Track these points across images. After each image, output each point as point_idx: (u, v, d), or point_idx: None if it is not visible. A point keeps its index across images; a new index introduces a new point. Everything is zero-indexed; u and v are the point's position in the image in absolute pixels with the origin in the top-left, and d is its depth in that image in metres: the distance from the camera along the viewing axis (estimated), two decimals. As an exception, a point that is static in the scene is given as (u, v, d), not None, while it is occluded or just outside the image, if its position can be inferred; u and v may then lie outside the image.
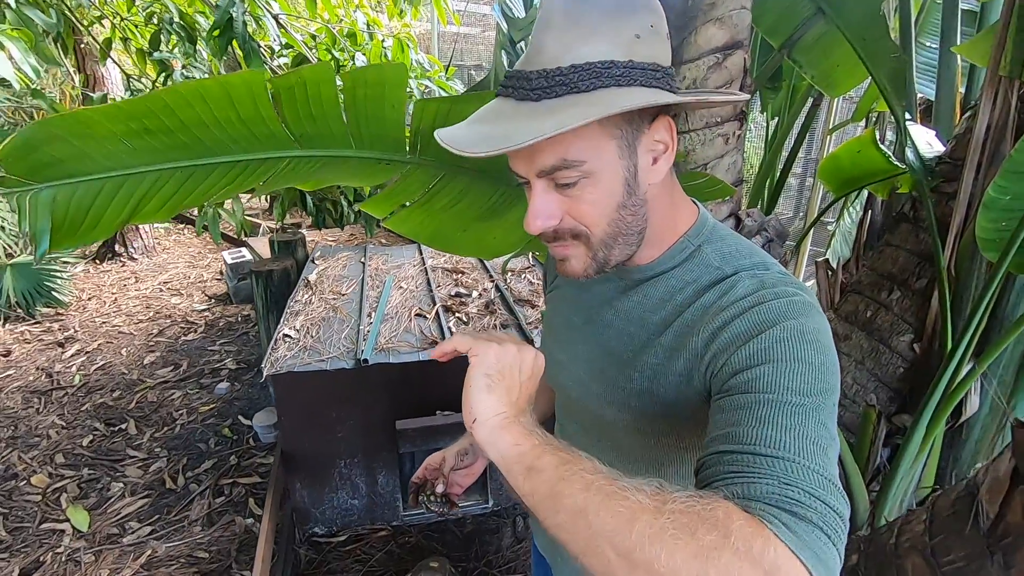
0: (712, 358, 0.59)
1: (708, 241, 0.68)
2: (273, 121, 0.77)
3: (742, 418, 0.49)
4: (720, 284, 0.63)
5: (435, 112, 0.86)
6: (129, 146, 0.72)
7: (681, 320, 0.64)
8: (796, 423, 0.47)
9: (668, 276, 0.67)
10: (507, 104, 0.57)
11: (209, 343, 3.86)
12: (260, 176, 0.82)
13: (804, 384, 0.50)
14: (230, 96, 0.72)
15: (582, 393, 0.75)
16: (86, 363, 3.57)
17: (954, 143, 1.56)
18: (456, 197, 0.97)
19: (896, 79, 1.40)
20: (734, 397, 0.52)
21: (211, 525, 2.27)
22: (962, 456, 1.55)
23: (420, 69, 3.51)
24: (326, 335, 2.11)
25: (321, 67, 0.74)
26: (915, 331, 1.60)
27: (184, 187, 0.78)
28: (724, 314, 0.59)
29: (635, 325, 0.68)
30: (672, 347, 0.64)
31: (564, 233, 0.61)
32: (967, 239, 1.44)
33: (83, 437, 2.82)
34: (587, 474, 0.46)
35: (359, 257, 3.08)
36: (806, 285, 0.62)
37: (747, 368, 0.53)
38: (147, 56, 3.02)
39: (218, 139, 0.76)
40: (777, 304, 0.57)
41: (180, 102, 0.71)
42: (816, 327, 0.56)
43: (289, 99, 0.76)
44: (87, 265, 5.33)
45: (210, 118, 0.74)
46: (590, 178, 0.58)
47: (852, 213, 2.54)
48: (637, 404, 0.67)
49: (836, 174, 1.84)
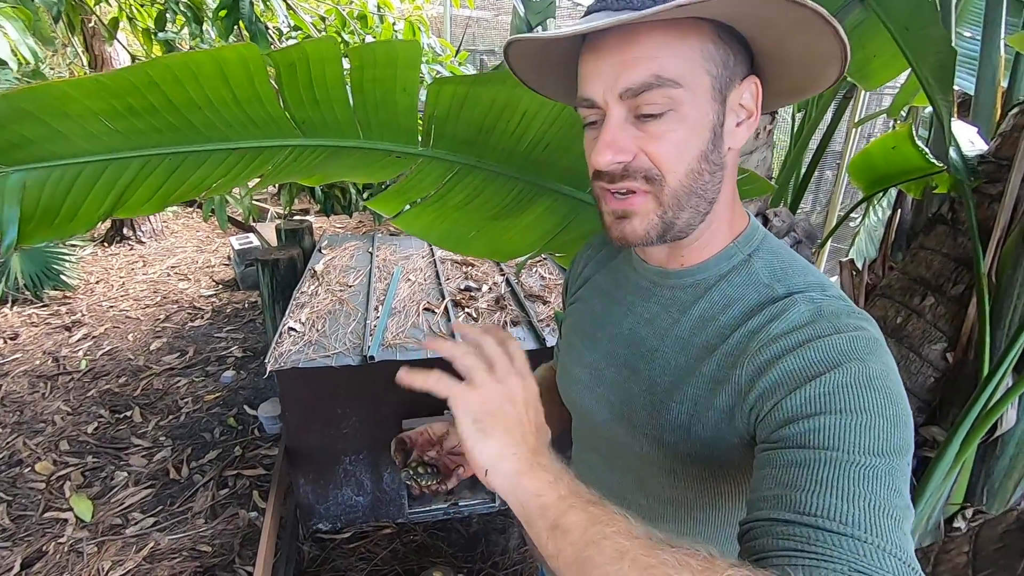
0: (759, 399, 0.51)
1: (758, 252, 0.60)
2: (272, 103, 0.70)
3: (799, 479, 0.42)
4: (771, 307, 0.55)
5: (451, 96, 0.79)
6: (110, 127, 0.65)
7: (726, 346, 0.56)
8: (866, 489, 0.40)
9: (712, 291, 0.59)
10: (603, 15, 0.49)
11: (216, 330, 3.83)
12: (259, 167, 0.76)
13: (875, 441, 0.43)
14: (224, 73, 0.65)
15: (609, 420, 0.67)
16: (92, 348, 3.55)
17: (999, 141, 1.46)
18: (471, 194, 0.90)
19: (942, 72, 1.30)
20: (788, 452, 0.45)
21: (214, 518, 2.24)
22: (994, 473, 1.47)
23: (432, 53, 3.42)
24: (332, 329, 2.05)
25: (325, 42, 0.66)
26: (949, 340, 1.51)
27: (174, 176, 0.72)
28: (775, 346, 0.52)
29: (674, 347, 0.60)
30: (714, 378, 0.56)
31: (636, 173, 0.52)
32: (1011, 244, 1.35)
33: (88, 424, 2.80)
34: (621, 539, 0.39)
35: (367, 247, 3.02)
36: (868, 315, 0.54)
37: (804, 417, 0.46)
38: (153, 36, 2.95)
39: (211, 122, 0.69)
40: (839, 341, 0.49)
41: (168, 78, 0.64)
42: (884, 371, 0.48)
43: (290, 78, 0.69)
44: (95, 248, 5.32)
45: (202, 98, 0.67)
46: (678, 112, 0.50)
47: (879, 211, 2.45)
48: (672, 439, 0.59)
49: (868, 171, 1.75)
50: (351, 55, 0.69)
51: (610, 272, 0.72)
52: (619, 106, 0.51)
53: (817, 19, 0.47)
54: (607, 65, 0.50)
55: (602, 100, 0.51)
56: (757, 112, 0.56)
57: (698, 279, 0.60)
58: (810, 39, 0.51)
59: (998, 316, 1.38)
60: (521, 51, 0.57)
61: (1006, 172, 1.34)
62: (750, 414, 0.52)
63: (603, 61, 0.50)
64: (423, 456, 0.72)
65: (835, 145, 3.82)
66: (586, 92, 0.53)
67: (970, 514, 1.46)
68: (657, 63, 0.49)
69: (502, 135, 0.84)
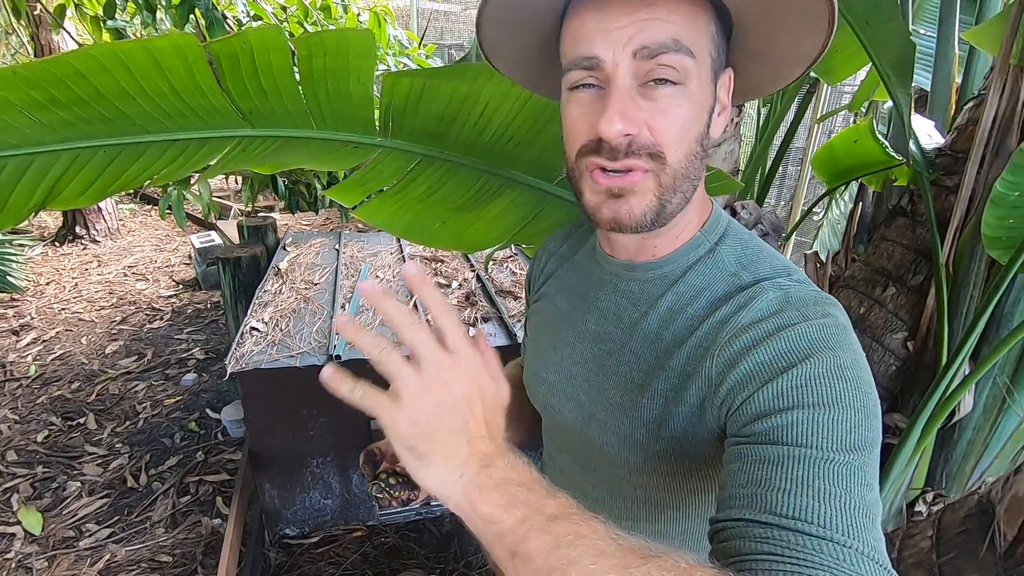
0: (729, 392, 0.50)
1: (724, 240, 0.59)
2: (215, 93, 0.66)
3: (774, 477, 0.41)
4: (738, 296, 0.54)
5: (408, 88, 0.75)
6: (34, 119, 0.60)
7: (695, 338, 0.54)
8: (841, 488, 0.39)
9: (679, 282, 0.58)
10: None
11: (176, 331, 3.69)
12: (205, 157, 0.71)
13: (847, 435, 0.42)
14: (159, 63, 0.60)
15: (578, 421, 0.64)
16: (43, 352, 3.38)
17: (955, 134, 1.50)
18: (434, 185, 0.87)
19: (902, 66, 1.33)
20: (760, 448, 0.44)
21: (175, 526, 2.15)
22: (953, 457, 1.52)
23: (399, 45, 3.35)
24: (296, 328, 1.99)
25: (270, 31, 0.62)
26: (909, 329, 1.55)
27: (110, 168, 0.67)
28: (744, 337, 0.51)
29: (643, 342, 0.59)
30: (684, 371, 0.55)
31: (641, 149, 0.48)
32: (967, 236, 1.39)
33: (38, 432, 2.66)
34: (588, 561, 0.35)
35: (333, 244, 2.94)
36: (833, 298, 0.54)
37: (775, 412, 0.45)
38: (102, 24, 2.81)
39: (147, 113, 0.64)
40: (807, 329, 0.48)
41: (94, 68, 0.59)
42: (855, 360, 0.47)
43: (232, 68, 0.65)
44: (45, 248, 5.07)
45: (135, 88, 0.62)
46: (687, 86, 0.48)
47: (841, 204, 2.50)
48: (643, 437, 0.57)
49: (831, 164, 1.78)
50: (298, 44, 0.65)
51: (574, 267, 0.70)
52: (629, 69, 0.47)
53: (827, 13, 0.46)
54: (620, 22, 0.46)
55: (611, 60, 0.47)
56: (729, 106, 0.55)
57: (665, 271, 0.59)
58: (799, 38, 0.50)
59: (955, 306, 1.41)
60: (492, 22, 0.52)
61: (962, 165, 1.37)
62: (720, 407, 0.51)
63: (613, 17, 0.46)
64: (394, 467, 0.68)
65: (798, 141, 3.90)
66: (592, 50, 0.47)
67: (931, 498, 1.50)
68: (675, 28, 0.46)
69: (464, 127, 0.81)
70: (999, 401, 1.40)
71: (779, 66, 0.55)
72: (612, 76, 0.48)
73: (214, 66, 0.63)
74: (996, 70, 1.26)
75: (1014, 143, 1.28)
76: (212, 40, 0.60)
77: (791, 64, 0.54)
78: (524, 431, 0.82)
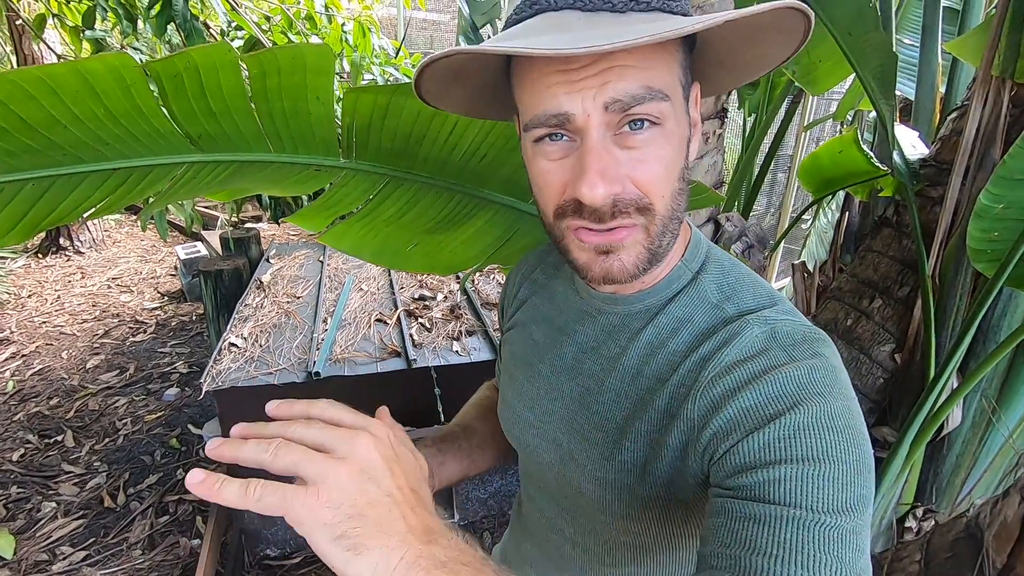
0: (712, 439, 0.46)
1: (705, 268, 0.55)
2: (158, 117, 0.62)
3: (758, 540, 0.38)
4: (722, 331, 0.50)
5: (372, 105, 0.72)
6: None
7: (677, 377, 0.51)
8: (833, 556, 0.37)
9: (660, 314, 0.54)
10: (571, 16, 0.42)
11: (160, 344, 3.63)
12: (151, 185, 0.67)
13: (839, 493, 0.39)
14: (91, 86, 0.56)
15: (556, 461, 0.60)
16: (22, 367, 3.31)
17: (939, 145, 1.49)
18: (403, 207, 0.84)
19: (884, 77, 1.31)
20: (746, 504, 0.40)
21: (152, 548, 2.09)
22: (942, 471, 1.50)
23: (384, 55, 3.33)
24: (276, 344, 1.95)
25: (217, 49, 0.59)
26: (896, 341, 1.53)
27: (42, 202, 0.62)
28: (728, 378, 0.47)
29: (623, 378, 0.55)
30: (667, 411, 0.51)
31: (627, 206, 0.44)
32: (952, 247, 1.37)
33: (13, 451, 2.59)
34: None
35: (318, 255, 2.90)
36: (822, 332, 0.51)
37: (761, 465, 0.42)
38: (81, 35, 2.77)
39: (81, 141, 0.60)
40: (795, 372, 0.45)
41: (16, 95, 0.55)
42: (846, 408, 0.44)
43: (176, 90, 0.61)
44: (28, 259, 4.99)
45: (65, 115, 0.58)
46: (663, 126, 0.44)
47: (828, 213, 2.49)
48: (626, 480, 0.54)
49: (816, 175, 1.77)
50: (248, 63, 0.62)
51: (550, 295, 0.66)
52: (599, 123, 0.43)
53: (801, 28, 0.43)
54: (587, 74, 0.41)
55: (582, 114, 0.42)
56: (700, 121, 0.52)
57: (647, 303, 0.56)
58: (770, 49, 0.48)
59: (942, 317, 1.39)
60: (434, 75, 0.47)
61: (946, 176, 1.36)
62: (703, 454, 0.48)
63: (579, 71, 0.42)
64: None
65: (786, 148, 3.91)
66: (560, 106, 0.42)
67: (921, 513, 1.48)
68: (647, 73, 0.42)
69: (432, 145, 0.78)
70: (987, 414, 1.39)
71: (745, 71, 0.53)
72: (584, 129, 0.43)
73: (155, 88, 0.59)
74: (978, 81, 1.25)
75: (998, 155, 1.26)
76: (151, 60, 0.56)
77: (757, 69, 0.52)
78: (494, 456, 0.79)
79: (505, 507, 2.20)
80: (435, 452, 0.72)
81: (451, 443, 0.75)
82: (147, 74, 0.58)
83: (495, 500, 2.17)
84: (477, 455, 0.76)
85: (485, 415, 0.81)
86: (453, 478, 0.73)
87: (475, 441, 0.77)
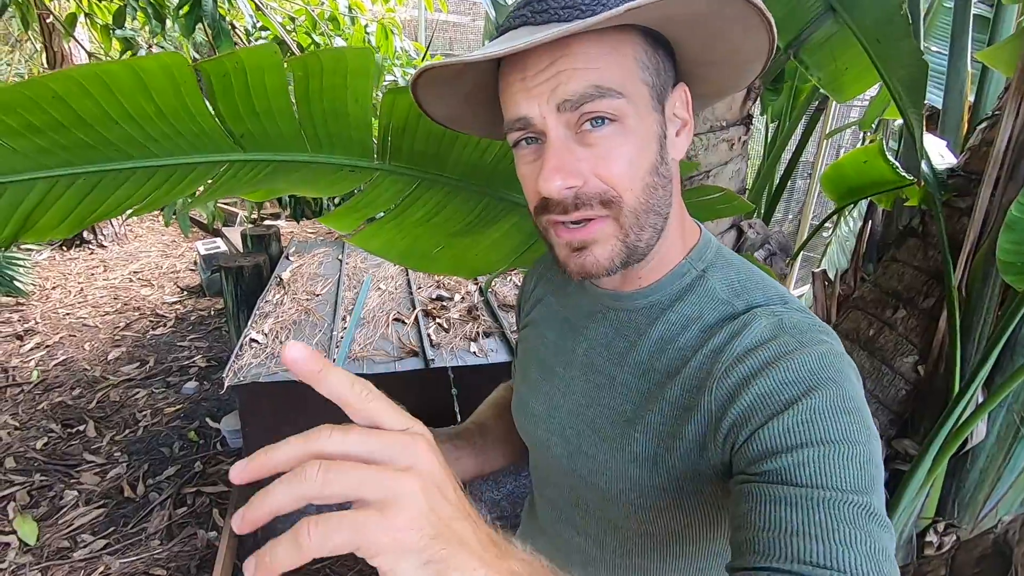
0: (732, 427, 0.48)
1: (712, 266, 0.57)
2: (204, 117, 0.64)
3: (793, 522, 0.39)
4: (731, 323, 0.52)
5: (409, 105, 0.73)
6: (7, 146, 0.58)
7: (688, 370, 0.53)
8: (864, 532, 0.39)
9: (668, 311, 0.56)
10: (523, 31, 0.46)
11: (179, 338, 3.69)
12: (193, 183, 0.69)
13: (859, 473, 0.42)
14: (145, 85, 0.58)
15: (568, 454, 0.62)
16: (45, 358, 3.38)
17: (968, 155, 1.47)
18: (433, 209, 0.85)
19: (913, 85, 1.30)
20: (773, 488, 0.42)
21: (171, 539, 2.13)
22: (965, 486, 1.48)
23: (406, 57, 3.36)
24: (296, 340, 1.97)
25: (263, 50, 0.60)
26: (920, 352, 1.51)
27: (90, 197, 0.64)
28: (741, 367, 0.49)
29: (633, 373, 0.57)
30: (681, 404, 0.52)
31: (590, 199, 0.48)
32: (980, 258, 1.35)
33: (37, 439, 2.65)
34: None
35: (336, 253, 2.93)
36: (829, 327, 0.52)
37: (784, 450, 0.43)
38: (111, 33, 2.83)
39: (132, 138, 0.62)
40: (806, 358, 0.47)
41: (75, 92, 0.57)
42: (855, 391, 0.47)
43: (224, 90, 0.63)
44: (53, 252, 5.09)
45: (119, 112, 0.60)
46: (622, 123, 0.47)
47: (850, 221, 2.47)
48: (637, 473, 0.55)
49: (839, 183, 1.75)
50: (292, 66, 0.63)
51: (563, 294, 0.68)
52: (558, 123, 0.47)
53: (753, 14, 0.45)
54: (538, 78, 0.46)
55: (538, 116, 0.47)
56: (691, 120, 0.54)
57: (652, 300, 0.57)
58: (737, 40, 0.49)
59: (968, 330, 1.38)
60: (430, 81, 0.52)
61: (975, 186, 1.34)
62: (724, 443, 0.49)
63: (532, 74, 0.46)
64: None
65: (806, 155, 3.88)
66: (519, 111, 0.48)
67: (942, 528, 1.46)
68: (596, 73, 0.45)
69: (465, 147, 0.79)
70: (1014, 430, 1.36)
71: (730, 67, 0.54)
72: (544, 131, 0.47)
73: (204, 87, 0.61)
74: (1011, 91, 1.23)
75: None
76: (202, 60, 0.58)
77: (743, 63, 0.53)
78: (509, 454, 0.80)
79: (518, 509, 2.20)
80: (450, 448, 0.73)
81: (466, 440, 0.76)
82: (197, 73, 0.59)
83: (508, 502, 2.18)
84: (491, 453, 0.78)
85: (501, 414, 0.82)
86: (467, 475, 0.75)
87: (490, 439, 0.78)
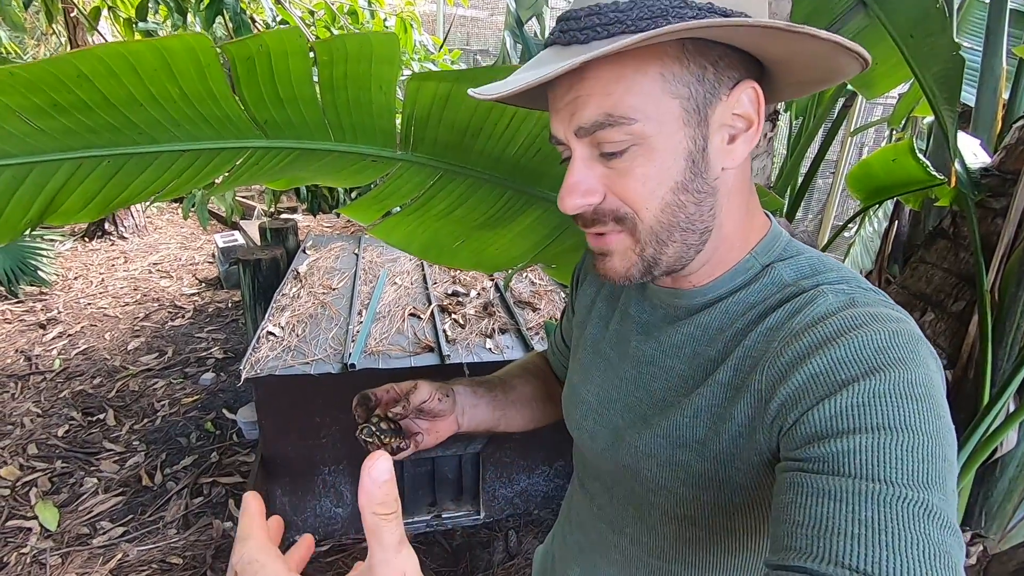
0: (781, 408, 0.44)
1: (781, 259, 0.53)
2: (228, 101, 0.63)
3: (836, 518, 0.35)
4: (794, 300, 0.48)
5: (433, 94, 0.71)
6: (33, 125, 0.57)
7: (742, 349, 0.49)
8: (919, 534, 0.34)
9: (728, 302, 0.53)
10: (553, 51, 0.47)
11: (197, 329, 3.73)
12: (216, 170, 0.68)
13: (922, 466, 0.36)
14: (169, 66, 0.57)
15: (613, 443, 0.61)
16: (67, 347, 3.44)
17: (1003, 154, 1.42)
18: (455, 202, 0.84)
19: (948, 82, 1.26)
20: (819, 478, 0.38)
21: (187, 528, 2.15)
22: (993, 495, 1.43)
23: (424, 51, 3.35)
24: (312, 334, 1.98)
25: (288, 33, 0.59)
26: (948, 357, 1.47)
27: (115, 180, 0.64)
28: (798, 343, 0.44)
29: (686, 362, 0.55)
30: (731, 384, 0.50)
31: (605, 215, 0.49)
32: (1015, 261, 1.31)
33: (59, 427, 2.69)
34: None
35: (353, 248, 2.94)
36: (905, 312, 0.47)
37: (834, 435, 0.39)
38: (134, 26, 2.86)
39: (156, 121, 0.61)
40: (874, 336, 0.42)
41: (100, 71, 0.56)
42: (929, 376, 0.41)
43: (248, 73, 0.62)
44: (75, 243, 5.18)
45: (143, 94, 0.59)
46: (642, 145, 0.46)
47: (875, 221, 2.41)
48: (682, 457, 0.53)
49: (866, 182, 1.71)
50: (317, 49, 0.62)
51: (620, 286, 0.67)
52: (580, 144, 0.48)
53: (834, 49, 0.43)
54: (561, 104, 0.48)
55: (563, 136, 0.49)
56: (759, 120, 0.48)
57: (710, 297, 0.55)
58: (823, 73, 0.48)
59: (1000, 334, 1.33)
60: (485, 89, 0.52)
61: (1011, 186, 1.30)
62: (772, 426, 0.45)
63: (559, 96, 0.48)
64: (387, 412, 0.64)
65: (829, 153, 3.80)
66: (552, 130, 0.50)
67: (969, 538, 1.42)
68: (609, 100, 0.44)
69: (489, 139, 0.78)
70: (1046, 438, 1.32)
71: (821, 68, 0.49)
72: (571, 149, 0.49)
73: (228, 70, 0.60)
74: (1052, 88, 1.18)
75: (1069, 166, 1.20)
76: (227, 42, 0.57)
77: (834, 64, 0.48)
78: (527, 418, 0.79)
79: (531, 507, 2.19)
80: (470, 393, 0.72)
81: (488, 390, 0.75)
82: (221, 56, 0.59)
83: (520, 499, 2.17)
84: (511, 411, 0.76)
85: (527, 378, 0.81)
86: (480, 425, 0.73)
87: (512, 397, 0.77)
